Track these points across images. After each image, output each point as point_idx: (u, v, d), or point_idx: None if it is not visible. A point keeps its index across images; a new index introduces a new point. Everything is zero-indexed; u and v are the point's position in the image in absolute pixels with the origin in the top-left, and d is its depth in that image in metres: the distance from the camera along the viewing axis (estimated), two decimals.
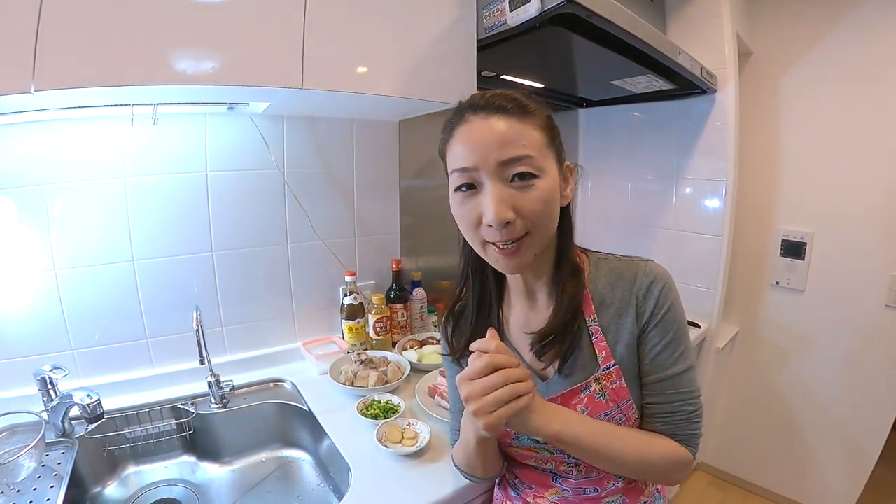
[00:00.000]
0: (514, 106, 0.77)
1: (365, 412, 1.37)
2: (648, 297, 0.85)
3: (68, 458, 1.19)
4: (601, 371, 0.87)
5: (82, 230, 1.36)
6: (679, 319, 0.87)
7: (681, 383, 0.87)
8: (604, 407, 0.86)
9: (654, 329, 0.86)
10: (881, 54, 2.05)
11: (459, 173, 0.79)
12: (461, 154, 0.78)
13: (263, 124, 1.55)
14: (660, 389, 0.87)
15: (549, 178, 0.78)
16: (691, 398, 0.87)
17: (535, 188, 0.76)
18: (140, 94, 1.19)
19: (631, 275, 0.88)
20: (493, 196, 0.75)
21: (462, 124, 0.79)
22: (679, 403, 0.87)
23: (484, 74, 1.71)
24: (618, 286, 0.88)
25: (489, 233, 0.78)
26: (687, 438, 0.88)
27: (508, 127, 0.76)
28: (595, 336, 0.88)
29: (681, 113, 2.25)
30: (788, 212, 2.42)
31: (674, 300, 0.86)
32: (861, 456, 2.30)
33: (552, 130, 0.82)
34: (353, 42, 1.18)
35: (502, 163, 0.75)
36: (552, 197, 0.78)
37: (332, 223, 1.77)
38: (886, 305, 2.16)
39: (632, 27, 1.34)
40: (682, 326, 0.87)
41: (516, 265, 0.81)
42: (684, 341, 0.87)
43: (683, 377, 0.87)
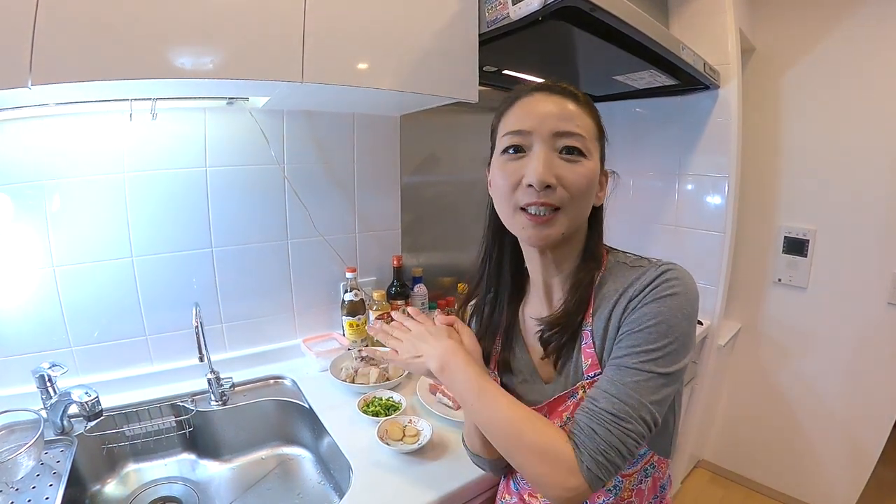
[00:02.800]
0: (580, 95, 0.83)
1: (366, 409, 1.36)
2: (640, 283, 0.77)
3: (67, 456, 1.18)
4: (587, 379, 0.83)
5: (81, 226, 1.35)
6: (669, 314, 0.73)
7: (621, 377, 0.73)
8: None
9: (632, 314, 0.76)
10: (884, 51, 2.04)
11: (512, 135, 0.81)
12: (519, 117, 0.81)
13: (263, 119, 1.54)
14: (606, 374, 0.76)
15: (593, 162, 0.80)
16: (622, 400, 0.71)
17: (580, 164, 0.78)
18: (139, 88, 1.18)
19: (635, 275, 0.80)
20: (541, 158, 0.77)
21: (526, 96, 0.83)
22: (603, 393, 0.73)
23: (486, 69, 1.70)
24: (620, 288, 0.81)
25: (525, 194, 0.78)
26: (582, 439, 0.72)
27: (571, 106, 0.80)
28: (585, 341, 0.84)
29: (683, 109, 2.24)
30: (791, 209, 2.41)
31: (673, 294, 0.74)
32: (862, 454, 2.30)
33: (601, 128, 0.85)
34: (353, 36, 1.17)
35: (557, 133, 0.78)
36: (592, 179, 0.80)
37: (333, 219, 1.76)
38: (889, 303, 2.16)
39: (635, 22, 1.33)
40: (668, 324, 0.73)
41: (543, 236, 0.80)
42: (662, 340, 0.72)
43: (630, 373, 0.72)
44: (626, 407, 0.70)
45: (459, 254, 2.21)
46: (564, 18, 1.23)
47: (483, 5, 1.35)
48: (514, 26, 1.29)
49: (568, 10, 1.19)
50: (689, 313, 0.75)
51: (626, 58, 1.60)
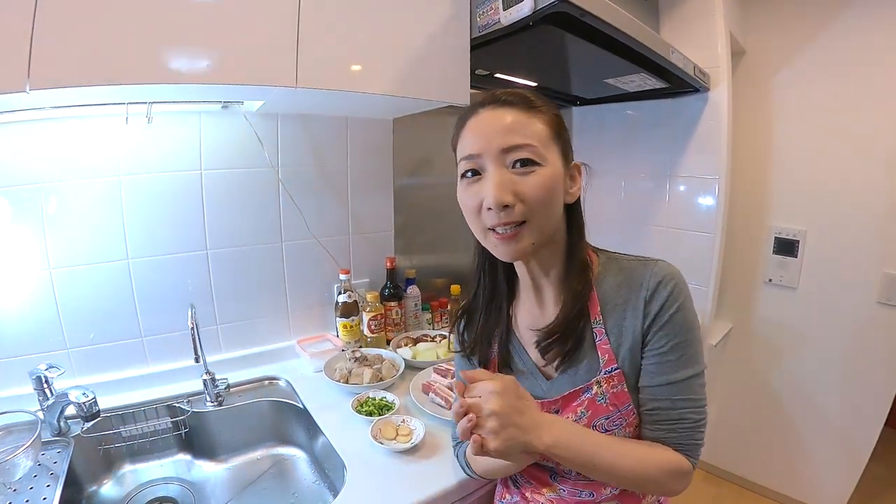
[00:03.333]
0: (521, 101, 0.82)
1: (359, 409, 1.37)
2: (655, 298, 0.84)
3: (64, 457, 1.19)
4: (603, 374, 0.86)
5: (77, 229, 1.36)
6: (689, 321, 0.85)
7: (689, 389, 0.84)
8: (604, 410, 0.87)
9: (660, 331, 0.84)
10: (873, 53, 2.06)
11: (466, 161, 0.83)
12: (468, 141, 0.83)
13: (258, 123, 1.55)
14: (666, 394, 0.85)
15: (550, 167, 0.80)
16: (698, 406, 0.85)
17: (535, 174, 0.79)
18: (135, 92, 1.19)
19: (639, 276, 0.87)
20: (493, 179, 0.78)
21: (472, 116, 0.84)
22: (685, 411, 0.84)
23: (478, 73, 1.71)
24: (624, 287, 0.87)
25: (489, 217, 0.80)
26: (689, 448, 0.86)
27: (513, 118, 0.80)
28: (599, 338, 0.88)
29: (674, 111, 2.26)
30: (781, 209, 2.43)
31: (683, 301, 0.84)
32: (854, 451, 2.32)
33: (558, 126, 0.84)
34: (346, 41, 1.18)
35: (504, 149, 0.78)
36: (552, 185, 0.80)
37: (327, 221, 1.77)
38: (878, 302, 2.18)
39: (625, 26, 1.34)
40: (691, 329, 0.85)
41: (513, 251, 0.82)
42: (694, 345, 0.85)
43: (691, 383, 0.84)
44: (702, 409, 0.86)
45: (452, 255, 2.22)
46: (555, 23, 1.24)
47: (474, 11, 1.36)
48: (505, 31, 1.30)
49: (558, 16, 1.19)
50: (694, 311, 0.86)
51: (617, 61, 1.61)
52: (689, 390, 0.84)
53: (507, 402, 0.76)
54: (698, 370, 0.85)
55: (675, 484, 0.85)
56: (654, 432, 0.87)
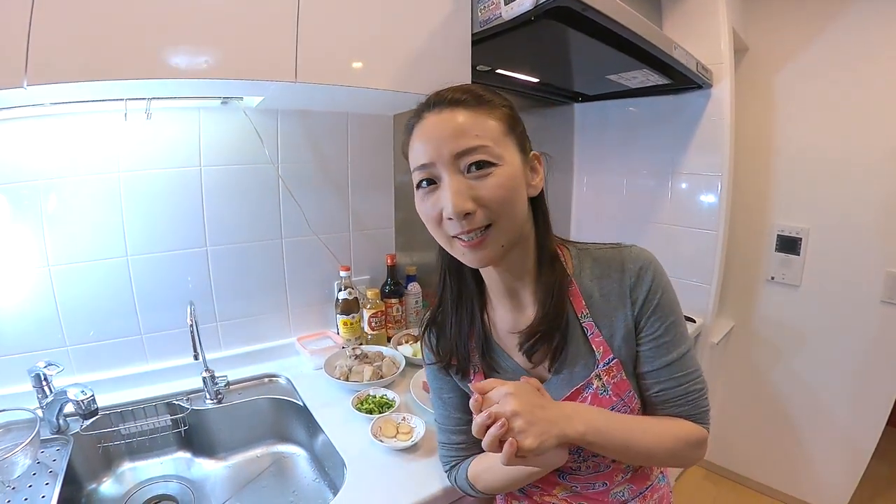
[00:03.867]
0: (469, 97, 0.78)
1: (360, 407, 1.37)
2: (640, 285, 0.85)
3: (63, 455, 1.19)
4: (601, 367, 0.86)
5: (76, 226, 1.35)
6: (673, 301, 0.87)
7: (686, 364, 0.87)
8: (608, 402, 0.86)
9: (652, 315, 0.85)
10: (876, 50, 2.06)
11: (419, 171, 0.79)
12: (418, 151, 0.78)
13: (257, 119, 1.54)
14: (668, 374, 0.87)
15: (508, 166, 0.76)
16: (697, 377, 0.88)
17: (493, 175, 0.75)
18: (133, 88, 1.18)
19: (618, 264, 0.87)
20: (450, 188, 0.74)
21: (419, 122, 0.80)
22: (689, 384, 0.87)
23: (479, 69, 1.71)
24: (605, 277, 0.87)
25: (451, 226, 0.77)
26: (701, 416, 0.89)
27: (462, 118, 0.76)
28: (591, 332, 0.87)
29: (676, 108, 2.25)
30: (784, 207, 2.43)
31: (665, 283, 0.86)
32: (856, 450, 2.32)
33: (511, 119, 0.81)
34: (346, 35, 1.18)
35: (457, 154, 0.75)
36: (512, 184, 0.77)
37: (327, 218, 1.76)
38: (881, 301, 2.17)
39: (627, 21, 1.34)
40: (676, 307, 0.88)
41: (482, 257, 0.79)
42: (681, 322, 0.88)
43: (687, 357, 0.87)
44: (700, 378, 0.89)
45: None
46: (557, 18, 1.23)
47: (476, 5, 1.35)
48: (507, 26, 1.30)
49: (560, 10, 1.19)
50: (672, 288, 0.88)
51: (619, 57, 1.60)
52: (687, 365, 0.87)
53: (527, 399, 0.73)
54: (690, 344, 0.89)
55: (695, 452, 0.88)
56: (666, 411, 0.89)
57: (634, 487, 0.94)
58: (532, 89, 2.16)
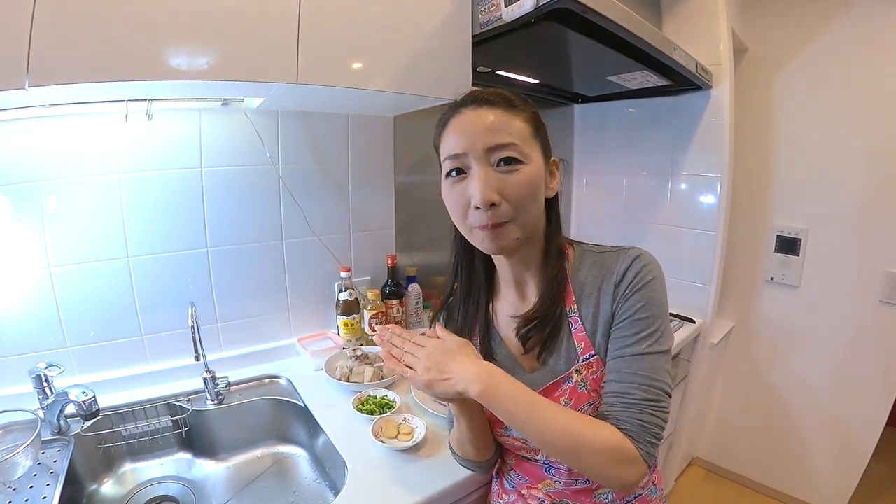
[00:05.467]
0: (501, 100, 0.84)
1: (360, 408, 1.37)
2: (625, 278, 0.85)
3: (64, 456, 1.19)
4: (581, 362, 0.88)
5: (77, 227, 1.35)
6: (654, 299, 0.82)
7: (639, 365, 0.80)
8: (586, 397, 0.87)
9: (624, 304, 0.83)
10: (875, 51, 2.06)
11: (451, 160, 0.85)
12: (452, 142, 0.84)
13: (258, 120, 1.54)
14: (616, 367, 0.82)
15: (533, 165, 0.83)
16: (649, 384, 0.79)
17: (519, 172, 0.81)
18: (134, 89, 1.18)
19: (611, 262, 0.89)
20: (479, 178, 0.80)
21: (455, 115, 0.86)
22: (632, 385, 0.79)
23: (479, 70, 1.71)
24: (598, 274, 0.89)
25: (475, 216, 0.83)
26: (634, 431, 0.77)
27: (496, 117, 0.82)
28: (575, 326, 0.89)
29: (676, 109, 2.25)
30: (783, 208, 2.43)
31: (652, 280, 0.83)
32: (855, 450, 2.32)
33: (537, 124, 0.87)
34: (347, 37, 1.18)
35: (489, 148, 0.81)
36: (536, 182, 0.83)
37: (328, 219, 1.76)
38: (881, 301, 2.18)
39: (627, 23, 1.34)
40: (656, 307, 0.82)
41: (498, 247, 0.85)
42: (655, 322, 0.81)
43: (644, 359, 0.80)
44: (655, 389, 0.79)
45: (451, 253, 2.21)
46: (557, 20, 1.24)
47: (476, 7, 1.36)
48: (507, 28, 1.30)
49: (560, 12, 1.19)
50: (664, 292, 0.86)
51: (619, 59, 1.61)
52: (640, 365, 0.80)
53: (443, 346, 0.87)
54: (658, 349, 0.81)
55: (616, 468, 0.75)
56: (603, 409, 0.83)
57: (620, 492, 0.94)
58: (532, 90, 2.16)
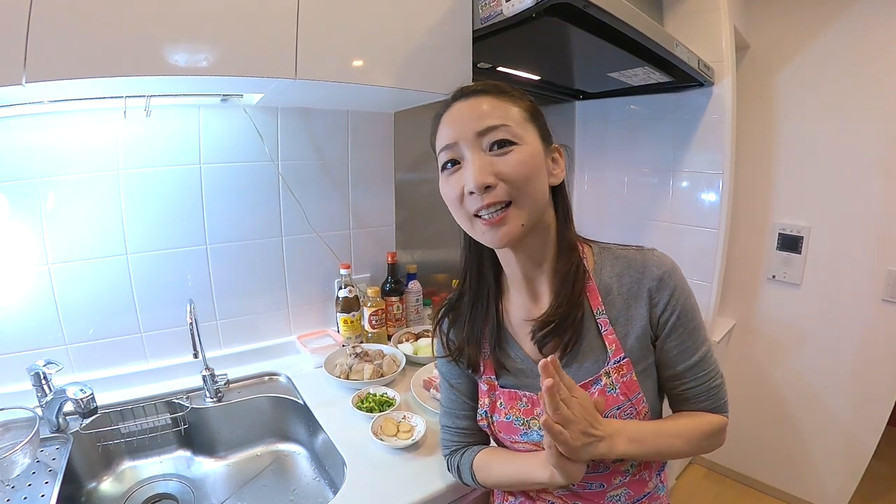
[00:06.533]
0: (493, 88, 0.84)
1: (360, 405, 1.36)
2: (663, 290, 0.86)
3: (63, 454, 1.18)
4: (611, 364, 0.86)
5: (75, 224, 1.35)
6: (694, 307, 0.89)
7: (708, 362, 0.90)
8: (615, 401, 0.86)
9: (675, 321, 0.87)
10: (877, 49, 2.05)
11: (444, 151, 0.84)
12: (445, 132, 0.84)
13: (257, 116, 1.54)
14: (692, 375, 0.89)
15: (528, 146, 0.80)
16: (717, 371, 0.91)
17: (513, 152, 0.79)
18: (132, 85, 1.18)
19: (639, 264, 0.88)
20: (472, 163, 0.79)
21: (447, 110, 0.86)
22: (710, 381, 0.90)
23: (480, 66, 1.70)
24: (625, 276, 0.89)
25: (472, 201, 0.80)
26: (722, 406, 0.92)
27: (486, 105, 0.81)
28: (604, 329, 0.87)
29: (678, 106, 2.24)
30: (785, 206, 2.42)
31: (686, 290, 0.89)
32: (857, 449, 2.32)
33: (532, 110, 0.85)
34: (346, 32, 1.17)
35: (479, 132, 0.79)
36: (533, 162, 0.80)
37: (327, 216, 1.76)
38: (883, 300, 2.17)
39: (629, 18, 1.33)
40: (697, 312, 0.90)
41: (503, 235, 0.80)
42: (701, 324, 0.90)
43: (708, 356, 0.90)
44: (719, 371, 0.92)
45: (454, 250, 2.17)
46: (558, 15, 1.23)
47: (477, 2, 1.35)
48: (508, 23, 1.29)
49: (561, 7, 1.18)
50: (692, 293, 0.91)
51: (621, 55, 1.60)
52: (708, 363, 0.90)
53: (587, 409, 0.77)
54: (709, 344, 0.92)
55: (719, 440, 0.93)
56: (691, 406, 0.92)
57: (631, 493, 0.93)
58: (533, 87, 2.15)
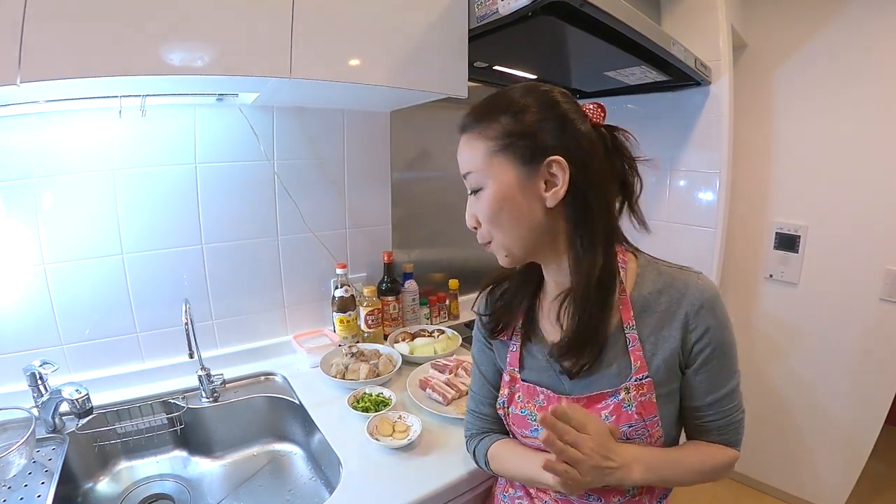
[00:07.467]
0: (471, 119, 0.85)
1: (356, 405, 1.36)
2: (701, 318, 0.83)
3: (59, 454, 1.18)
4: (633, 381, 0.84)
5: (71, 224, 1.35)
6: (731, 340, 0.87)
7: (733, 397, 0.89)
8: (628, 418, 0.84)
9: (710, 354, 0.85)
10: (875, 48, 2.04)
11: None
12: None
13: (253, 115, 1.53)
14: (716, 408, 0.89)
15: (494, 186, 0.82)
16: (740, 407, 0.91)
17: (481, 196, 0.84)
18: (128, 85, 1.18)
19: (681, 286, 0.85)
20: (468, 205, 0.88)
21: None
22: (732, 416, 0.90)
23: (476, 65, 1.70)
24: (665, 294, 0.86)
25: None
26: (737, 442, 0.93)
27: (462, 146, 0.87)
28: (632, 344, 0.85)
29: (675, 105, 2.24)
30: (782, 205, 2.41)
31: (725, 321, 0.86)
32: (854, 448, 2.31)
33: (507, 135, 0.80)
34: (341, 31, 1.17)
35: (463, 177, 0.87)
36: (500, 200, 0.82)
37: (323, 215, 1.76)
38: (880, 299, 2.16)
39: (625, 17, 1.33)
40: (733, 346, 0.88)
41: (500, 261, 0.90)
42: (735, 357, 0.89)
43: (736, 390, 0.90)
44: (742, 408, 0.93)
45: (450, 250, 2.21)
46: (554, 14, 1.22)
47: (473, 1, 1.34)
48: (504, 22, 1.28)
49: (557, 6, 1.18)
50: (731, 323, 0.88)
51: (617, 53, 1.59)
52: (733, 398, 0.90)
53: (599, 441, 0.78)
54: (738, 377, 0.90)
55: (726, 474, 0.93)
56: (707, 437, 0.92)
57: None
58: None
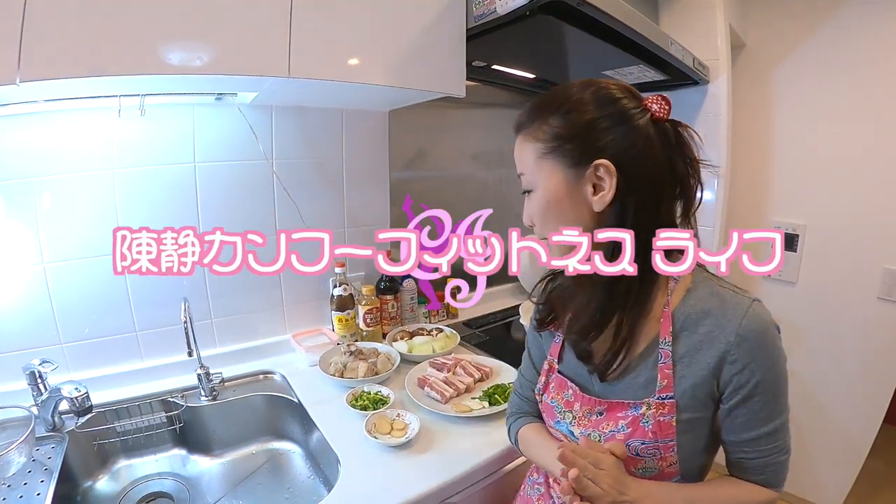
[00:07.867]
0: (525, 118, 0.86)
1: (354, 403, 1.37)
2: (743, 352, 0.77)
3: (58, 453, 1.19)
4: (655, 398, 0.80)
5: (71, 223, 1.35)
6: (779, 375, 0.80)
7: (777, 436, 0.81)
8: (643, 434, 0.81)
9: (751, 389, 0.77)
10: (873, 48, 2.05)
11: None
12: None
13: (252, 115, 1.53)
14: (755, 446, 0.81)
15: (542, 188, 0.84)
16: (785, 447, 0.82)
17: (532, 197, 0.87)
18: (127, 84, 1.18)
19: (730, 311, 0.79)
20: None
21: None
22: (774, 456, 0.82)
23: (474, 64, 1.70)
24: (711, 316, 0.80)
25: None
26: (778, 484, 0.85)
27: (516, 146, 0.88)
28: (663, 360, 0.81)
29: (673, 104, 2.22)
30: (781, 204, 2.42)
31: (775, 354, 0.79)
32: (853, 447, 2.32)
33: (556, 138, 0.80)
34: (340, 30, 1.17)
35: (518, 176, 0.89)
36: (546, 204, 0.84)
37: (322, 214, 1.76)
38: (878, 298, 2.16)
39: (623, 17, 1.33)
40: (782, 381, 0.80)
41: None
42: (783, 394, 0.81)
43: (781, 429, 0.81)
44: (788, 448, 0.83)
45: None
46: (551, 13, 1.23)
47: (471, 0, 1.35)
48: (502, 21, 1.29)
49: (555, 5, 1.18)
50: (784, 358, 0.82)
51: (615, 53, 1.59)
52: (776, 437, 0.81)
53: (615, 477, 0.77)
54: (785, 416, 0.82)
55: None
56: (744, 475, 0.86)
57: None
58: (528, 85, 2.15)
